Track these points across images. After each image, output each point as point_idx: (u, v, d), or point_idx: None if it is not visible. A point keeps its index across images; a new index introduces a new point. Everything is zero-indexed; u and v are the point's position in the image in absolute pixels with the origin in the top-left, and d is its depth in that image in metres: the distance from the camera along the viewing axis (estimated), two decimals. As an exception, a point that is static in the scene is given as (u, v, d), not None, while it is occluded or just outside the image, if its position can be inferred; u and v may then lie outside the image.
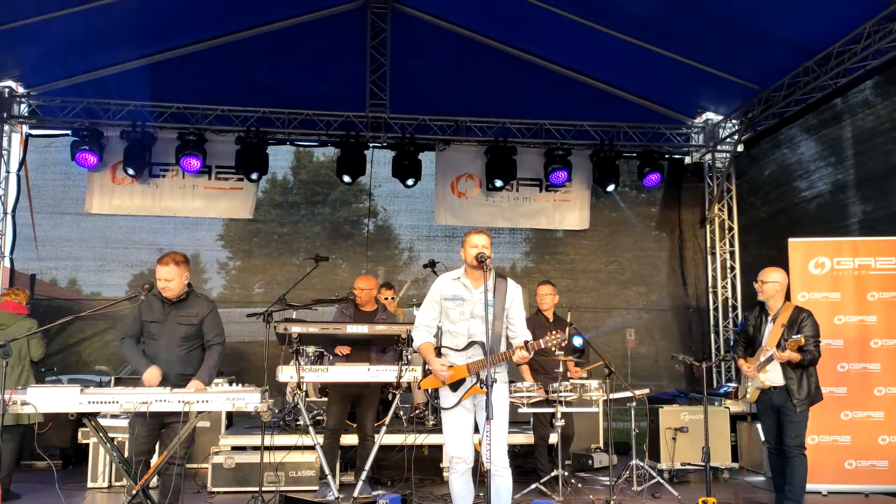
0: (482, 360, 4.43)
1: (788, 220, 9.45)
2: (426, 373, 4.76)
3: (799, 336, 5.58)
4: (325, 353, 6.83)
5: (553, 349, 5.18)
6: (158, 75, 9.75)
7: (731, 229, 10.87)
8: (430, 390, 4.85)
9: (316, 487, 6.72)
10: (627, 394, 7.00)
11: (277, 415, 8.00)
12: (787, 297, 6.17)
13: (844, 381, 7.12)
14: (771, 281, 5.98)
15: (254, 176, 9.99)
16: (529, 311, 7.79)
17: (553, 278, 9.71)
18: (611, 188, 10.46)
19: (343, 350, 6.44)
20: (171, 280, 5.05)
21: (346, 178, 10.04)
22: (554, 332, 4.69)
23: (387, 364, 5.84)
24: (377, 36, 9.72)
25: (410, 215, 11.15)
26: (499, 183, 10.21)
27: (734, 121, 10.35)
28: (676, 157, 11.33)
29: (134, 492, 4.61)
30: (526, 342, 4.57)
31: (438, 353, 4.67)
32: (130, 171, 9.81)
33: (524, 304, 4.94)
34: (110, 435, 5.03)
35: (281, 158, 11.06)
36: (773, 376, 5.79)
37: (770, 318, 5.95)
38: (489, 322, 4.39)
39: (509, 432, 5.12)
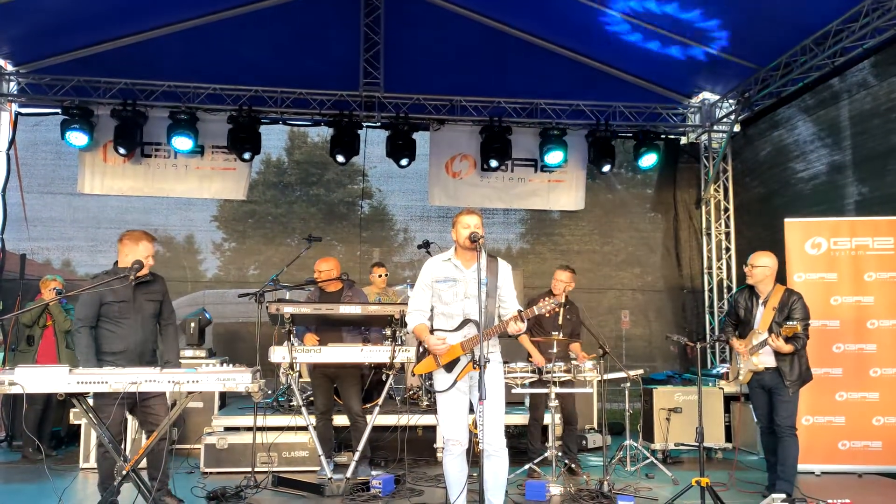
0: (477, 337, 4.38)
1: (785, 200, 9.39)
2: (420, 357, 4.71)
3: (794, 323, 5.58)
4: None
5: (547, 315, 5.17)
6: (149, 53, 9.64)
7: (726, 210, 10.83)
8: (423, 375, 4.80)
9: (309, 468, 6.71)
10: (621, 374, 7.00)
11: (270, 395, 7.98)
12: (783, 281, 6.13)
13: (840, 361, 7.09)
14: (761, 265, 5.94)
15: (246, 156, 9.90)
16: (525, 292, 7.81)
17: (548, 259, 9.70)
18: (606, 168, 10.40)
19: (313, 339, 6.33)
20: (151, 256, 5.20)
21: (340, 158, 9.97)
22: (546, 299, 4.68)
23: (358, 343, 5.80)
24: (371, 13, 9.57)
25: (405, 196, 11.08)
26: (494, 163, 10.14)
27: (731, 101, 10.26)
28: (672, 137, 11.22)
29: (125, 472, 4.57)
30: (519, 311, 4.54)
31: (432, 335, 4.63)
32: (121, 151, 9.68)
33: (517, 285, 4.90)
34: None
35: (275, 139, 10.99)
36: (766, 358, 5.81)
37: (761, 302, 5.94)
38: (482, 301, 4.35)
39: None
